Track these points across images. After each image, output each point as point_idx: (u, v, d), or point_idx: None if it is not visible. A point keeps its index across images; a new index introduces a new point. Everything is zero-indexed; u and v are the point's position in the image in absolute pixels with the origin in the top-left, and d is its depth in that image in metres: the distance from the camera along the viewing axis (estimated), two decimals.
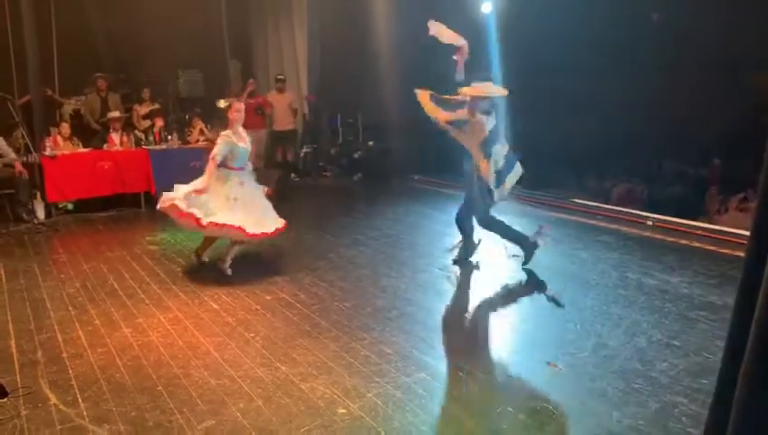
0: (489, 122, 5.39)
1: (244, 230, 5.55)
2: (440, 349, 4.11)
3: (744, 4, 8.62)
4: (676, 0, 9.34)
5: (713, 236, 6.56)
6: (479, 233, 5.86)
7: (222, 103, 6.07)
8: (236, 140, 5.70)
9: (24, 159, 8.29)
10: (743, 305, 1.60)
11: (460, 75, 5.57)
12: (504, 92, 5.49)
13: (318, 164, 11.88)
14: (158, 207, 5.84)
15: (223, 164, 5.69)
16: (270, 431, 3.16)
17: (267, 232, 5.79)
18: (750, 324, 1.52)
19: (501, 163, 5.42)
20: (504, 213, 8.22)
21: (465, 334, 4.40)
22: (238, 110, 5.74)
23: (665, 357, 3.86)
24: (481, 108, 5.34)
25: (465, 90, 5.32)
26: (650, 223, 7.18)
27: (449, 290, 5.37)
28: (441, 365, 3.86)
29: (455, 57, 5.60)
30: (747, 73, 8.91)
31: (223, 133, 5.70)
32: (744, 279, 1.61)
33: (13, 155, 8.27)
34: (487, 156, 5.33)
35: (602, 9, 9.45)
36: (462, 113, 5.39)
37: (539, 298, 5.03)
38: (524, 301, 5.04)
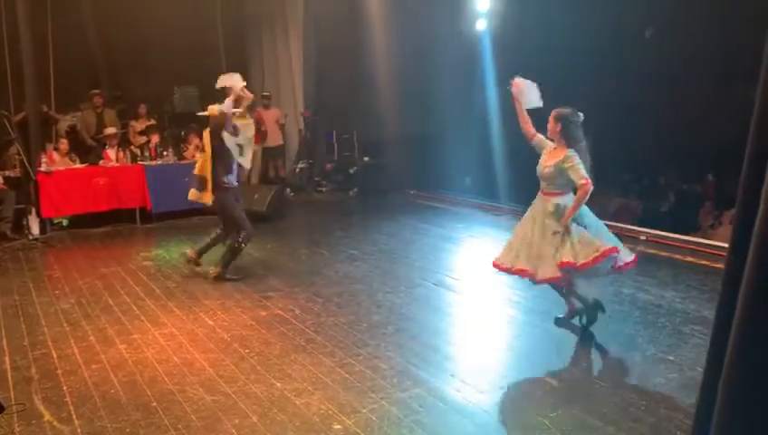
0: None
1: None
2: (436, 364, 4.10)
3: (740, 19, 8.71)
4: (672, 14, 9.44)
5: (706, 250, 6.59)
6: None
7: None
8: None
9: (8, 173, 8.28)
10: (722, 320, 1.63)
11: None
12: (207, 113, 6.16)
13: (314, 179, 11.91)
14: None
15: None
16: None
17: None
18: (729, 335, 1.55)
19: None
20: (497, 227, 8.28)
21: (460, 350, 4.39)
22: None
23: (660, 372, 3.87)
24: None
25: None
26: (644, 238, 7.21)
27: (445, 305, 5.38)
28: (436, 381, 3.85)
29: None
30: (742, 88, 8.99)
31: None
32: (724, 293, 1.64)
33: None
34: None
35: (597, 24, 9.55)
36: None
37: (533, 314, 5.03)
38: (519, 317, 5.04)
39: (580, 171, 4.24)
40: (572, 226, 4.26)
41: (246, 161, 6.35)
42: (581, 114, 4.46)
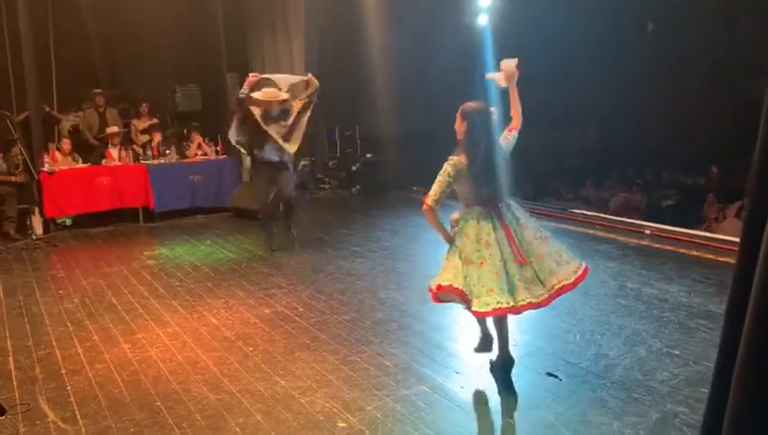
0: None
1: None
2: (440, 361, 4.10)
3: (740, 12, 8.68)
4: (673, 7, 9.40)
5: (711, 244, 6.55)
6: None
7: None
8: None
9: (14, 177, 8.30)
10: (734, 314, 1.61)
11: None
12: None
13: (316, 177, 11.90)
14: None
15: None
16: None
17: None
18: (741, 332, 1.54)
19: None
20: None
21: (464, 347, 4.37)
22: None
23: (665, 366, 3.85)
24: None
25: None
26: (648, 232, 7.18)
27: (448, 302, 5.35)
28: (440, 378, 3.85)
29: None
30: (745, 80, 8.96)
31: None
32: (735, 286, 1.63)
33: None
34: None
35: (599, 19, 9.51)
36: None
37: (537, 310, 5.01)
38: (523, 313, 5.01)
39: (434, 185, 3.70)
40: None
41: (288, 145, 6.82)
42: (494, 110, 3.67)
